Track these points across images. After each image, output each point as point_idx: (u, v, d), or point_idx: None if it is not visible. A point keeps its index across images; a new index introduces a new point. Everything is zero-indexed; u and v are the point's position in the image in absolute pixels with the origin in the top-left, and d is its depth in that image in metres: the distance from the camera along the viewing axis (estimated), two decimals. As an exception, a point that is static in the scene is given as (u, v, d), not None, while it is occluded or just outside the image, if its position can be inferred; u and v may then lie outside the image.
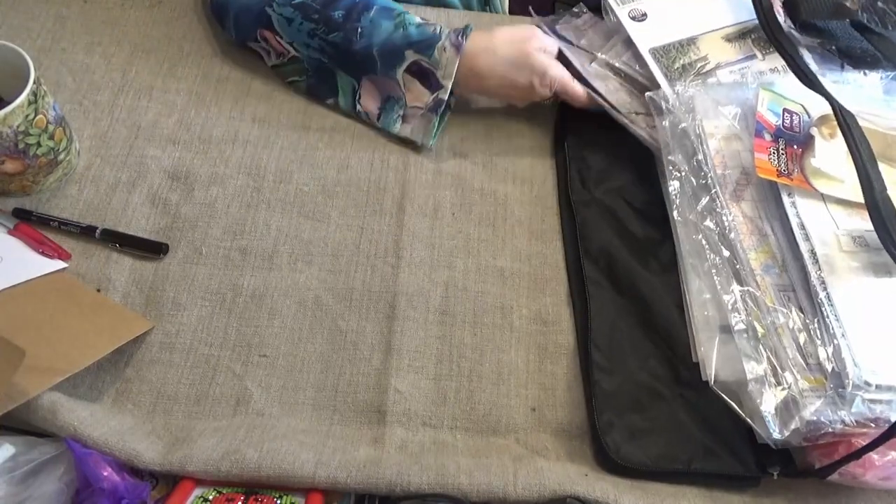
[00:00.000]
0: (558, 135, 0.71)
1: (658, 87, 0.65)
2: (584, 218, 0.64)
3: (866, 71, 0.66)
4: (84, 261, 0.61)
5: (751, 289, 0.54)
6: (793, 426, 0.48)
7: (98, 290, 0.59)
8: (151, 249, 0.61)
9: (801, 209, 0.56)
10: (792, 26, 0.67)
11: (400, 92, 0.67)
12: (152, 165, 0.66)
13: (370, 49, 0.66)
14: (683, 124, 0.61)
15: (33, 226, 0.61)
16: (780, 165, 0.57)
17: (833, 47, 0.67)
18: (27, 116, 0.57)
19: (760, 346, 0.52)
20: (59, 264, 0.60)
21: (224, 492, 0.48)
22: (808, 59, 0.66)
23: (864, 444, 0.47)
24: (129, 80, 0.71)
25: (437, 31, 0.66)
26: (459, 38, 0.65)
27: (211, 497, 0.48)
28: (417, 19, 0.67)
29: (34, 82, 0.57)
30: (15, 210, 0.62)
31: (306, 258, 0.62)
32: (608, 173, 0.67)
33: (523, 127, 0.72)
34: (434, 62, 0.65)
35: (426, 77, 0.66)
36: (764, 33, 0.66)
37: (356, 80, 0.69)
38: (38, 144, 0.60)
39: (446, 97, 0.66)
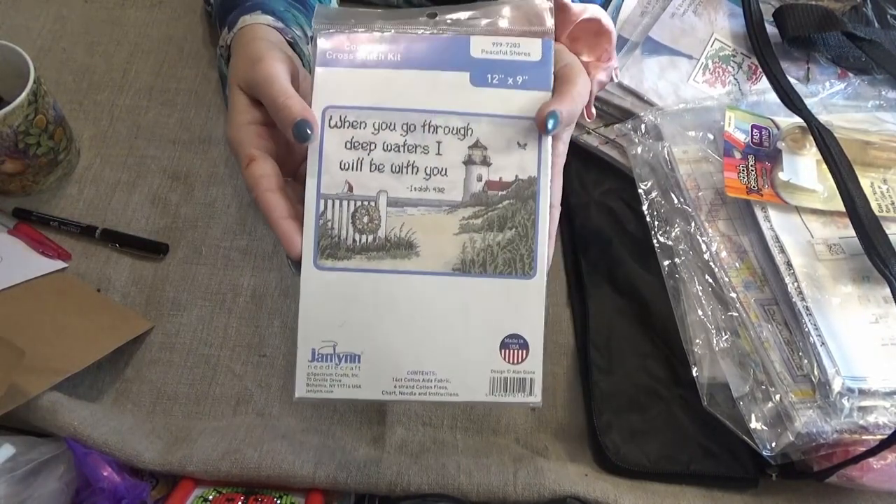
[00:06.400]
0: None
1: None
2: (583, 219, 0.64)
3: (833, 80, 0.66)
4: (84, 261, 0.61)
5: (733, 308, 0.54)
6: (785, 440, 0.48)
7: (98, 290, 0.59)
8: (151, 249, 0.61)
9: (774, 223, 0.56)
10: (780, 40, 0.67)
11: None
12: (152, 165, 0.66)
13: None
14: (653, 153, 0.61)
15: (33, 226, 0.61)
16: (749, 182, 0.57)
17: (828, 57, 0.67)
18: (27, 116, 0.57)
19: (747, 364, 0.52)
20: (59, 264, 0.60)
21: (224, 492, 0.48)
22: (797, 72, 0.66)
23: (863, 450, 0.47)
24: (129, 80, 0.71)
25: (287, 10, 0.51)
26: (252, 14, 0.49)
27: (211, 497, 0.48)
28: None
29: (34, 82, 0.57)
30: (15, 210, 0.62)
31: (306, 258, 0.62)
32: (607, 174, 0.67)
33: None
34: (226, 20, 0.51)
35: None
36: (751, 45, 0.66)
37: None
38: (38, 144, 0.60)
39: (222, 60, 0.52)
